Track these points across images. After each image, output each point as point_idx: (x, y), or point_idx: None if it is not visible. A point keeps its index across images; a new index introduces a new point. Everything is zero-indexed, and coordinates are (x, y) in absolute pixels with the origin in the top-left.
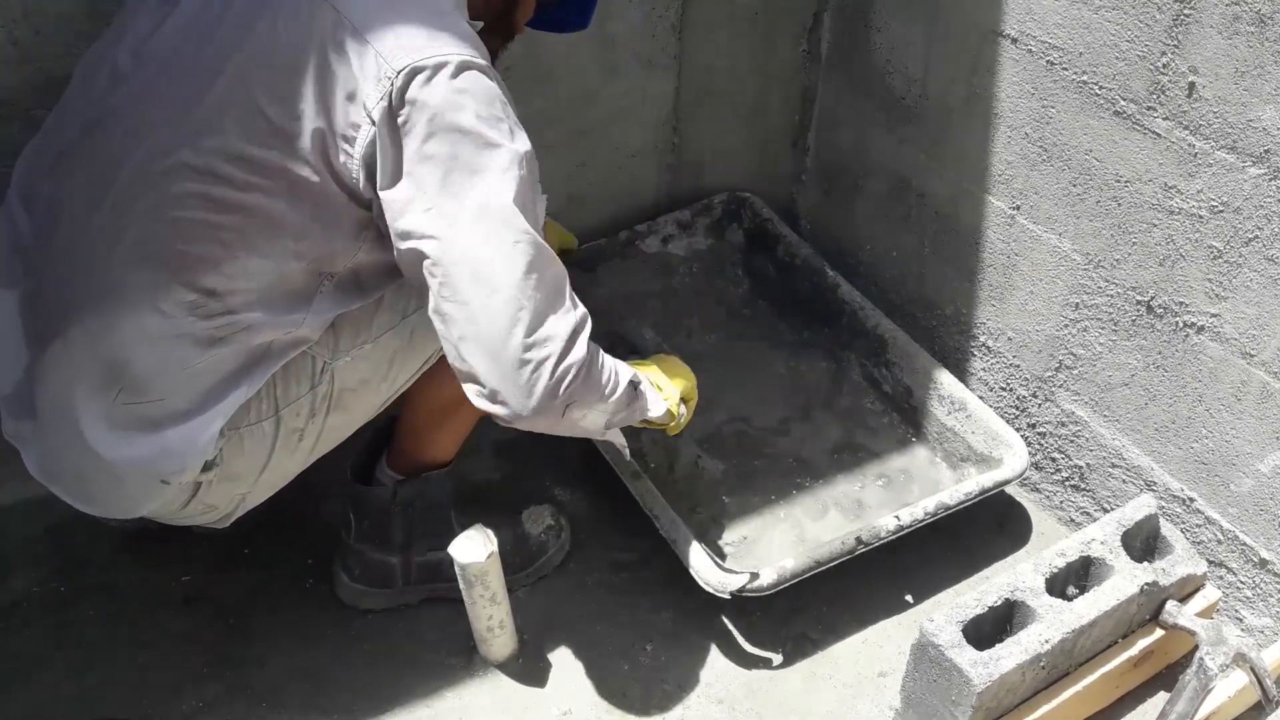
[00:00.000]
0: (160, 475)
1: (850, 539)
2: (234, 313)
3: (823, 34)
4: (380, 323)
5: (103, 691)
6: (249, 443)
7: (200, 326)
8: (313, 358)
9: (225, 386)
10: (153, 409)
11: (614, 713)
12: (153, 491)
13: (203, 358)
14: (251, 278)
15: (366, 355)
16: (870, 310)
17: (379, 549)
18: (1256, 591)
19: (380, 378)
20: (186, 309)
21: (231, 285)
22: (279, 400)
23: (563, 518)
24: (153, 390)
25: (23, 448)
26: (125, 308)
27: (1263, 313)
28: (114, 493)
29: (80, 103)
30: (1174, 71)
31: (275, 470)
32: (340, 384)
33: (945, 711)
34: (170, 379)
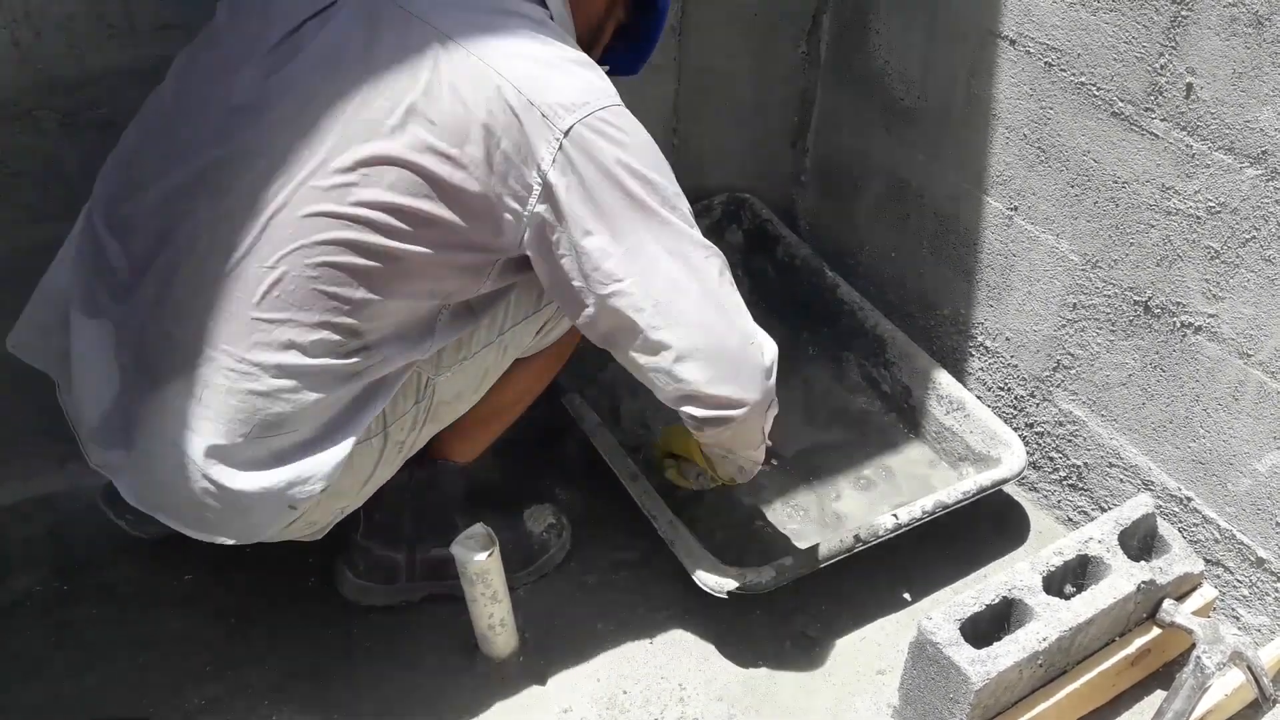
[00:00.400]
0: (289, 501)
1: (849, 537)
2: (370, 349)
3: (822, 35)
4: (479, 339)
5: (103, 691)
6: (358, 460)
7: (339, 365)
8: (418, 374)
9: (353, 414)
10: (283, 441)
11: (614, 710)
12: (281, 516)
13: (338, 392)
14: (388, 316)
15: (465, 370)
16: (869, 310)
17: (386, 545)
18: (1253, 590)
19: (472, 390)
20: (327, 349)
21: (370, 325)
22: (388, 417)
23: (564, 517)
24: (285, 426)
25: (115, 477)
26: (267, 350)
27: (1260, 313)
28: (238, 521)
29: (190, 132)
30: (1172, 73)
31: (375, 481)
32: (439, 398)
33: (943, 709)
34: (304, 414)
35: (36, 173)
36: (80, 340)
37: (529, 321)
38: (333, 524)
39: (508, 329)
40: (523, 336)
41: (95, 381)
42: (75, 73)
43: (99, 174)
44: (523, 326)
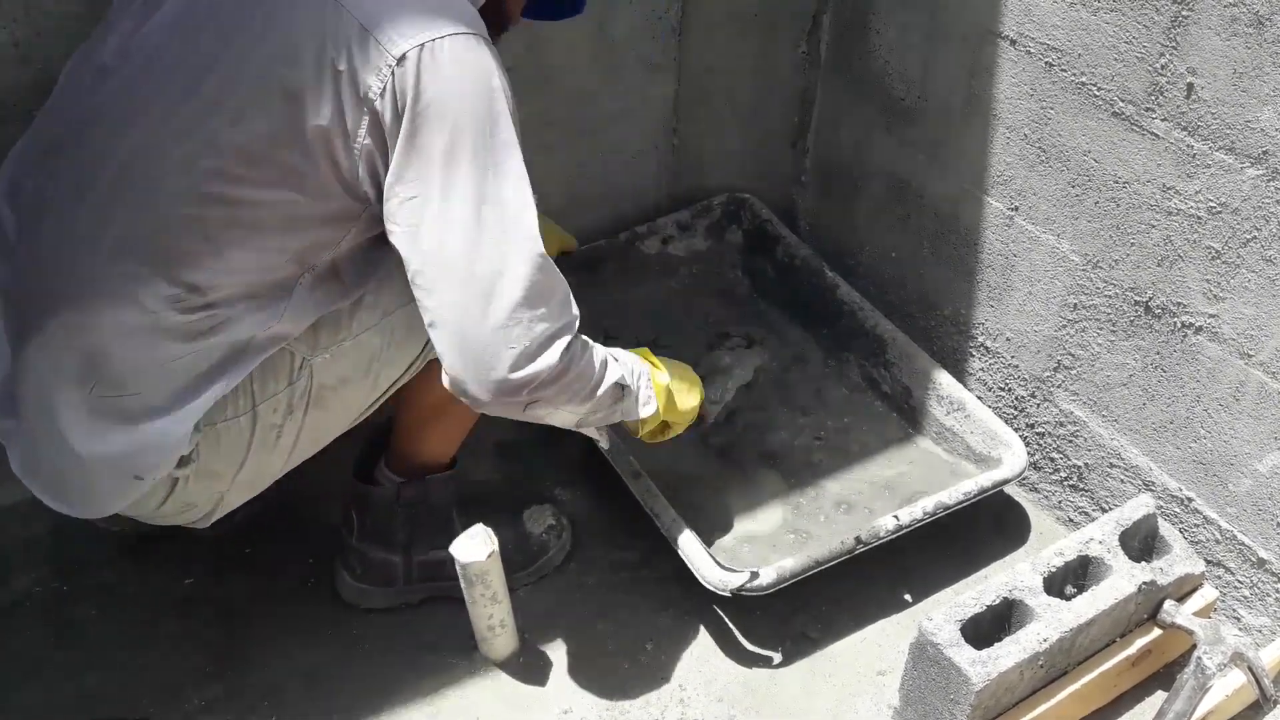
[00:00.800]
0: (134, 471)
1: (849, 538)
2: (215, 307)
3: (822, 36)
4: (361, 320)
5: (103, 691)
6: (225, 439)
7: (181, 321)
8: (291, 353)
9: (202, 382)
10: (129, 403)
11: (614, 711)
12: (126, 488)
13: (182, 352)
14: (235, 272)
15: (346, 353)
16: (869, 311)
17: (381, 548)
18: (1254, 591)
19: (361, 375)
20: (168, 303)
21: (215, 280)
22: (256, 396)
23: (564, 518)
24: (129, 384)
25: (9, 445)
26: (106, 302)
27: (1261, 313)
28: (88, 490)
29: (66, 100)
30: (1172, 73)
31: (254, 468)
32: (319, 381)
33: (944, 710)
34: (148, 373)
35: None
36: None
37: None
38: (217, 513)
39: (394, 310)
40: (415, 321)
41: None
42: None
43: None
44: (414, 309)
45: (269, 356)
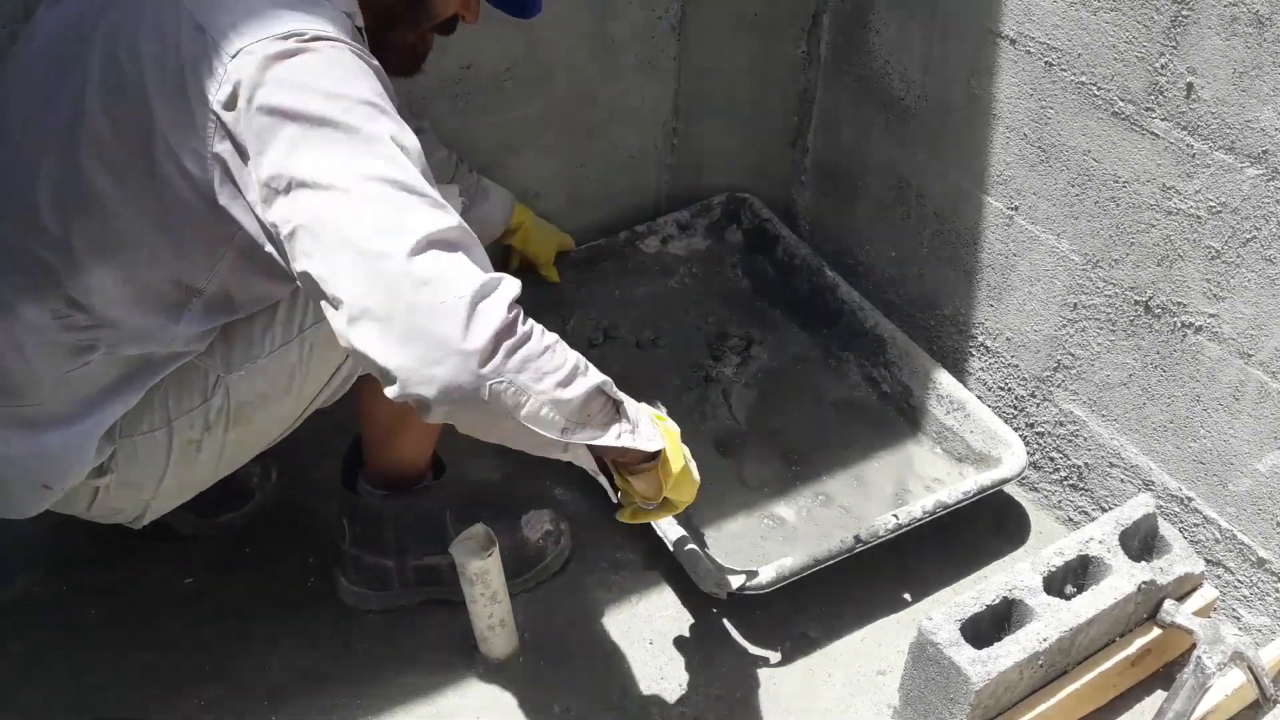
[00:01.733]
0: (41, 479)
1: (849, 538)
2: (101, 326)
3: (821, 35)
4: (273, 337)
5: (103, 691)
6: (143, 451)
7: (67, 336)
8: (205, 371)
9: (104, 396)
10: (29, 413)
11: (614, 711)
12: (37, 495)
13: (75, 366)
14: (108, 289)
15: (262, 370)
16: (869, 310)
17: (374, 553)
18: (1254, 590)
19: (281, 391)
20: (53, 318)
21: (94, 298)
22: (171, 411)
23: (563, 523)
24: (28, 395)
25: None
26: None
27: (1260, 313)
28: (4, 493)
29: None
30: (1172, 72)
31: (177, 479)
32: (236, 398)
33: (944, 709)
34: (45, 386)
35: None
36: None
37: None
38: (147, 517)
39: (308, 326)
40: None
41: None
42: None
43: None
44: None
45: (181, 372)
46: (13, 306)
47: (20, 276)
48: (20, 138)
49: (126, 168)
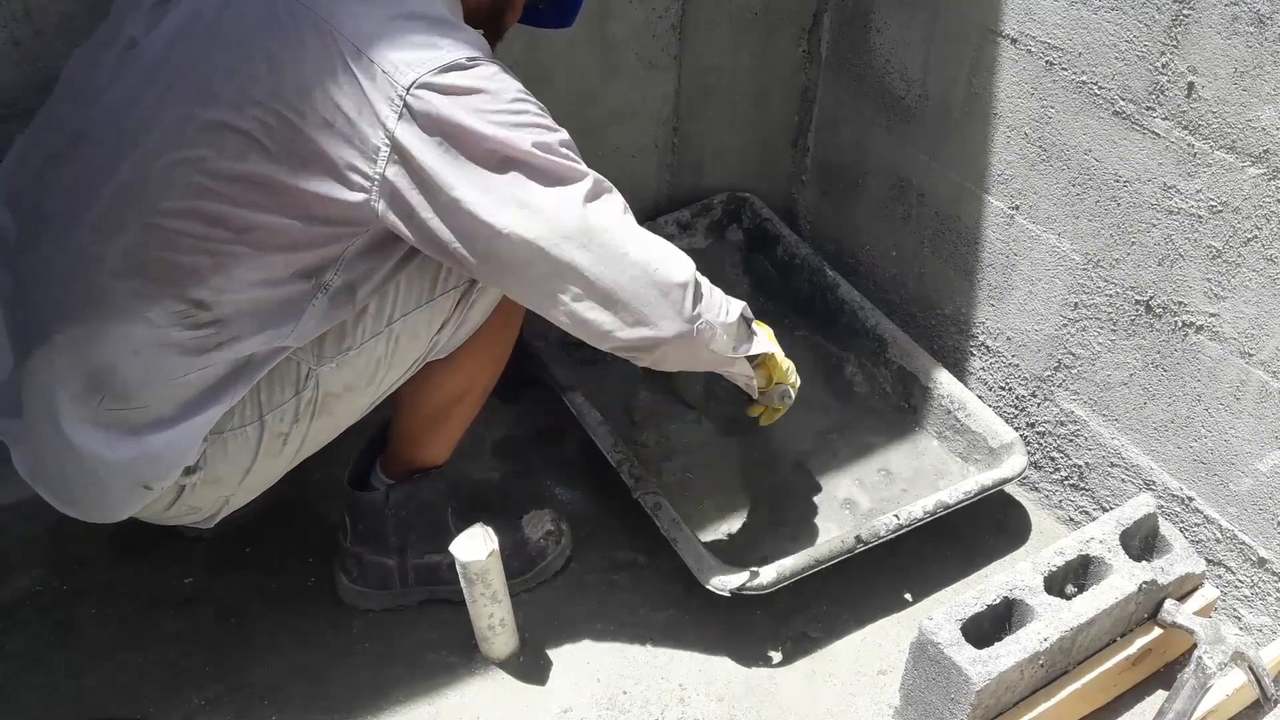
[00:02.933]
0: (143, 480)
1: (850, 538)
2: (222, 324)
3: (822, 34)
4: (364, 329)
5: (103, 691)
6: (232, 447)
7: (187, 337)
8: (297, 364)
9: (209, 396)
10: (136, 415)
11: (614, 710)
12: (135, 496)
13: (189, 367)
14: (241, 290)
15: (350, 361)
16: (869, 310)
17: (375, 551)
18: (1255, 590)
19: (365, 383)
20: (174, 319)
21: (220, 297)
22: (263, 406)
23: (563, 523)
24: (136, 398)
25: (12, 446)
26: (112, 316)
27: (1261, 312)
28: (97, 497)
29: (67, 107)
30: (1173, 71)
31: (259, 474)
32: (325, 389)
33: (944, 709)
34: (155, 387)
35: None
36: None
37: (421, 312)
38: (221, 514)
39: (396, 319)
40: (417, 328)
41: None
42: None
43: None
44: (415, 317)
45: (274, 366)
46: (138, 310)
47: (149, 280)
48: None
49: (273, 181)
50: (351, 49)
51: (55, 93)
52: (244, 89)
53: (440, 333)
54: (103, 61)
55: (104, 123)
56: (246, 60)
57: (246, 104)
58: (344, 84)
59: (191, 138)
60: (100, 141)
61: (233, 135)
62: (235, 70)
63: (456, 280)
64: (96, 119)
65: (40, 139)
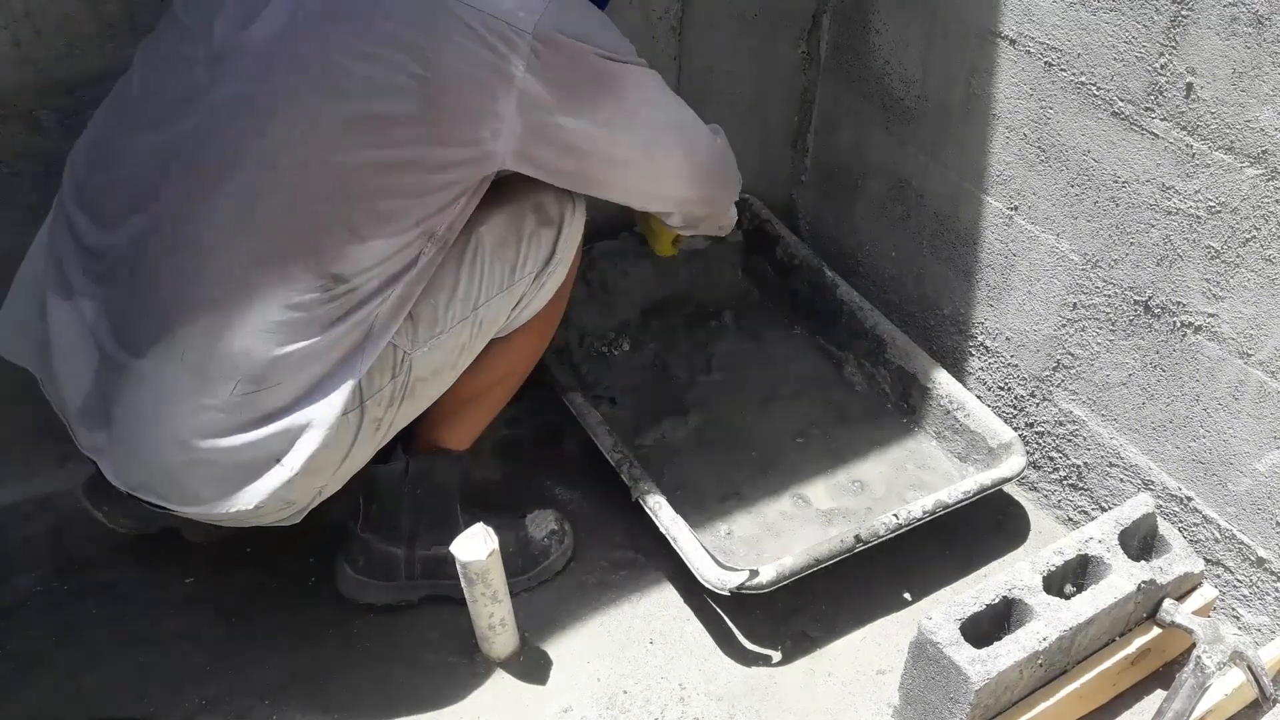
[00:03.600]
0: (279, 457)
1: (849, 537)
2: (355, 291)
3: (821, 35)
4: (454, 314)
5: (103, 691)
6: (334, 435)
7: (325, 310)
8: (394, 347)
9: (339, 371)
10: (271, 397)
11: (614, 710)
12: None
13: (320, 339)
14: (375, 256)
15: (441, 345)
16: (869, 310)
17: (385, 539)
18: (1254, 590)
19: (449, 366)
20: (313, 294)
21: (358, 267)
22: (364, 391)
23: (567, 523)
24: (270, 378)
25: (101, 458)
26: (252, 303)
27: (1260, 312)
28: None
29: (157, 103)
30: (1172, 72)
31: (353, 460)
32: (416, 373)
33: (944, 709)
34: (289, 364)
35: (36, 173)
36: (57, 323)
37: (504, 296)
38: (310, 507)
39: (482, 304)
40: (498, 312)
41: (75, 363)
42: (75, 73)
43: (67, 163)
44: (498, 301)
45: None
46: (280, 292)
47: (291, 262)
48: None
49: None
50: (467, 8)
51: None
52: (371, 73)
53: (512, 311)
54: (193, 59)
55: (223, 113)
56: (370, 42)
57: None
58: (469, 38)
59: (326, 128)
60: (216, 132)
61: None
62: (362, 55)
63: (534, 264)
64: (212, 110)
65: (125, 140)
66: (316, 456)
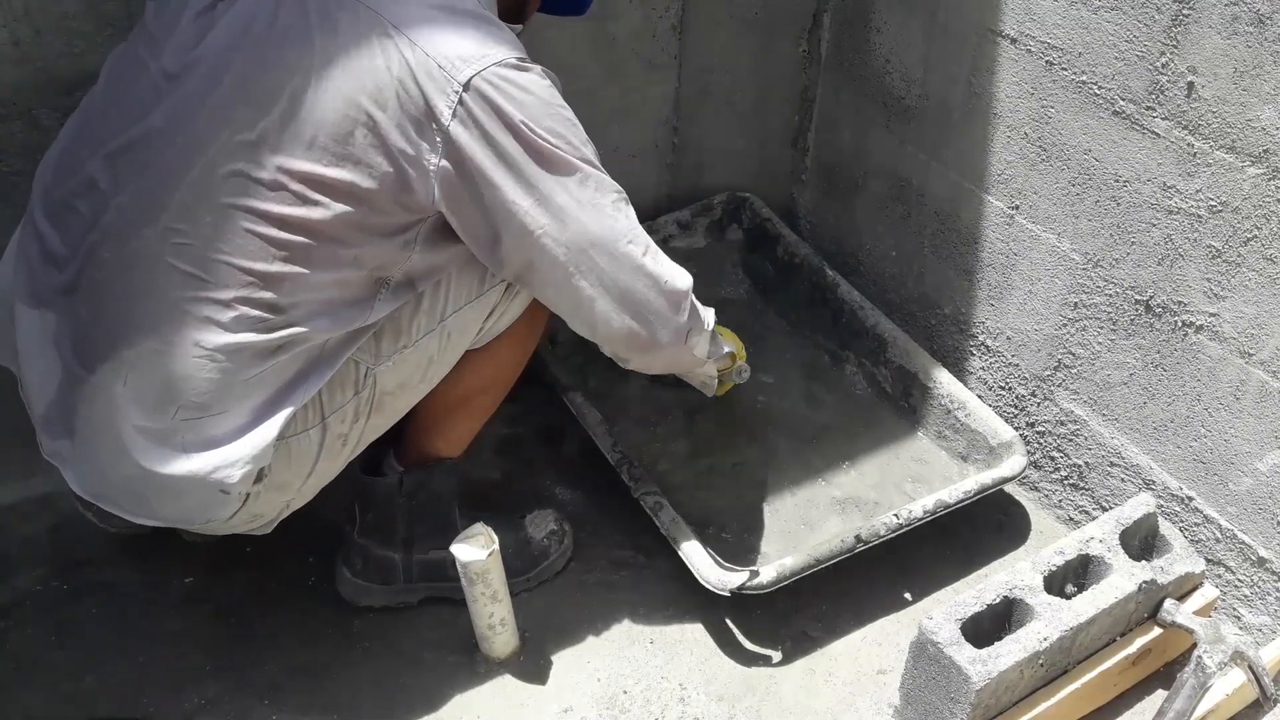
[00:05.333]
0: (220, 486)
1: (849, 537)
2: (296, 325)
3: (822, 34)
4: (419, 326)
5: (103, 691)
6: (295, 451)
7: (262, 340)
8: (356, 363)
9: (283, 396)
10: (211, 423)
11: (614, 710)
12: (215, 501)
13: (262, 368)
14: (313, 290)
15: (406, 359)
16: (869, 309)
17: (382, 544)
18: (1254, 590)
19: (418, 379)
20: (251, 324)
21: (295, 299)
22: (325, 408)
23: (566, 523)
24: (211, 406)
25: (63, 466)
26: (186, 327)
27: (1261, 312)
28: (174, 505)
29: (116, 115)
30: (1173, 71)
31: (320, 475)
32: (381, 388)
33: (944, 709)
34: (232, 392)
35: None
36: (23, 331)
37: (472, 307)
38: (279, 518)
39: (449, 315)
40: (467, 323)
41: (40, 372)
42: (75, 72)
43: (37, 170)
44: (466, 312)
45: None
46: (213, 318)
47: (224, 288)
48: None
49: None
50: (408, 44)
51: (92, 101)
52: (305, 88)
53: (485, 322)
54: (150, 66)
55: (164, 130)
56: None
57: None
58: (400, 79)
59: (255, 143)
60: (161, 148)
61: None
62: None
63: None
64: (155, 126)
65: (80, 149)
66: (276, 474)
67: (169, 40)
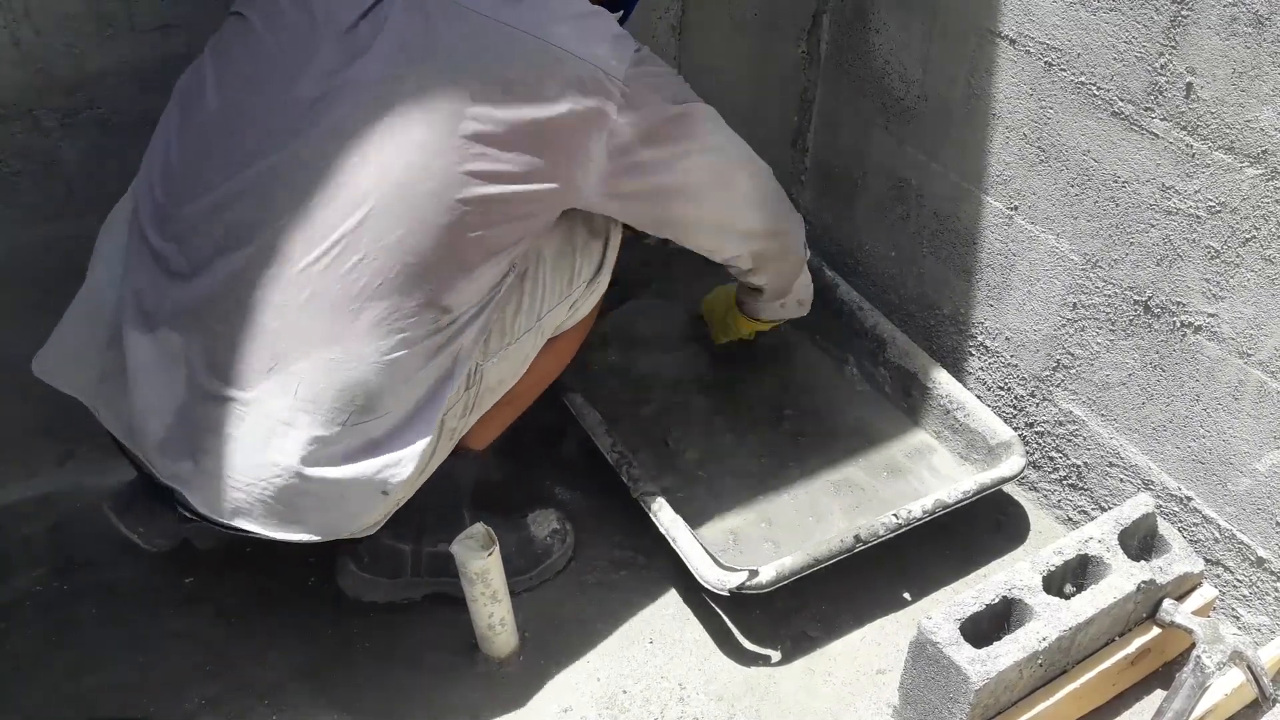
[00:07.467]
0: (382, 487)
1: (849, 537)
2: (456, 321)
3: (821, 35)
4: (520, 325)
5: (103, 691)
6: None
7: (433, 341)
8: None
9: (437, 391)
10: (377, 424)
11: (614, 709)
12: (376, 503)
13: (425, 368)
14: (474, 290)
15: (509, 356)
16: (868, 310)
17: (393, 535)
18: (1253, 590)
19: (513, 376)
20: (427, 328)
21: (462, 298)
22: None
23: (568, 523)
24: (379, 407)
25: (186, 488)
26: (369, 335)
27: (1260, 312)
28: (332, 514)
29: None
30: (1172, 72)
31: (427, 472)
32: (485, 384)
33: (943, 709)
34: (398, 394)
35: (36, 173)
36: (137, 356)
37: (564, 304)
38: (384, 519)
39: (545, 313)
40: (557, 319)
41: (156, 395)
42: (75, 72)
43: (135, 191)
44: (559, 309)
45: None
46: (396, 326)
47: (408, 297)
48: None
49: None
50: (567, 55)
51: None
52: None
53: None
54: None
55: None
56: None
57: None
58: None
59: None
60: (328, 170)
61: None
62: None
63: (588, 272)
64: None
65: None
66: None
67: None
